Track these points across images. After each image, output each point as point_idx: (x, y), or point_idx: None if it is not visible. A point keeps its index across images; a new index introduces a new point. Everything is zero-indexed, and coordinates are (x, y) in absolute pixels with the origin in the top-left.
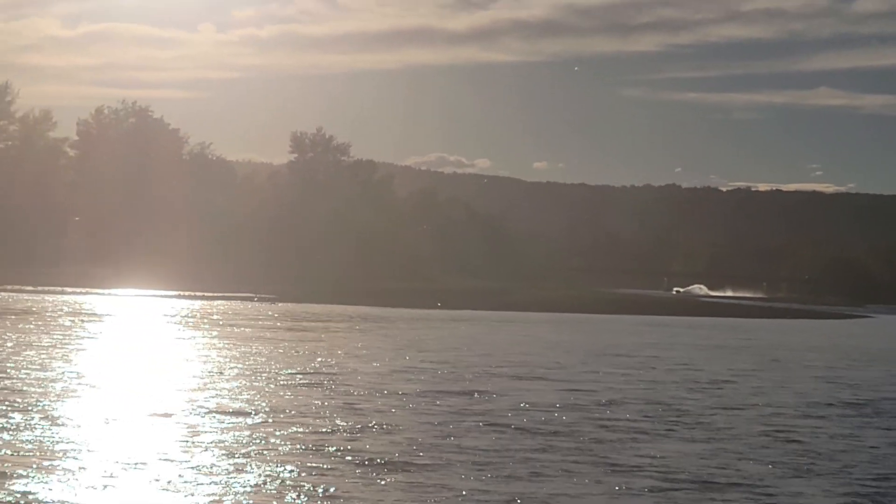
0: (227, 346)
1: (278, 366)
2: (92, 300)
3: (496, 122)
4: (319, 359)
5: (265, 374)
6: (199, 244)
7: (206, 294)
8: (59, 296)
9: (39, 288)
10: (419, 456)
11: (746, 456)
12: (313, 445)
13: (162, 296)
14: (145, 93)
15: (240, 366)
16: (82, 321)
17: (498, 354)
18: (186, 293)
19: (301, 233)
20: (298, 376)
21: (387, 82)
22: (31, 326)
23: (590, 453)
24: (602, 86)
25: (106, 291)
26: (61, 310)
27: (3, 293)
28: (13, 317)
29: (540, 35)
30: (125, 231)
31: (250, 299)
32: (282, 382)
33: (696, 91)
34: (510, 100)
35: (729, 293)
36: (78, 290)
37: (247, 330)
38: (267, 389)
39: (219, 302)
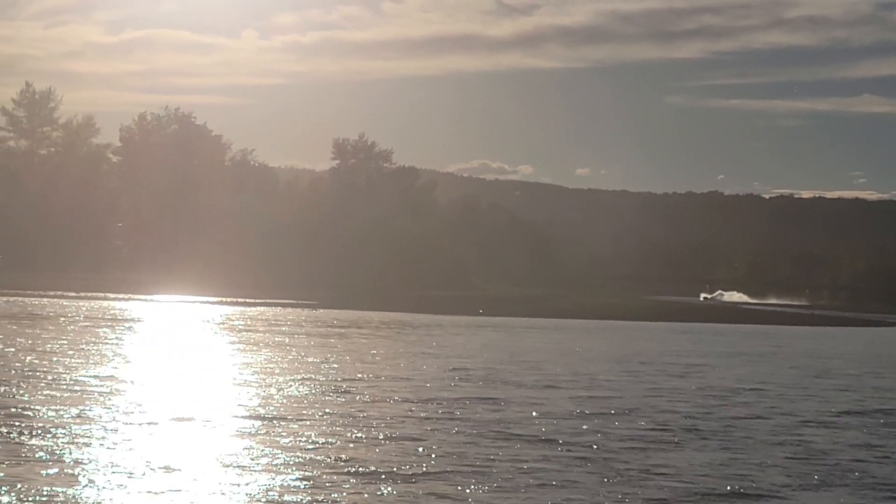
0: (266, 351)
1: (309, 372)
2: (134, 306)
3: (539, 128)
4: (358, 364)
5: (304, 380)
6: (240, 250)
7: (247, 300)
8: (101, 301)
9: (82, 294)
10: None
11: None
12: (321, 452)
13: (203, 302)
14: (188, 98)
15: (280, 371)
16: (124, 327)
17: (530, 360)
18: (228, 299)
19: (342, 239)
20: (331, 382)
21: (430, 89)
22: (74, 332)
23: (597, 463)
24: (645, 92)
25: (148, 297)
26: (103, 316)
27: (46, 299)
28: (59, 322)
29: (583, 41)
30: (167, 237)
31: (291, 305)
32: (307, 387)
33: (738, 98)
34: (553, 106)
35: (772, 300)
36: (120, 295)
37: (286, 336)
38: (295, 394)
39: (260, 308)
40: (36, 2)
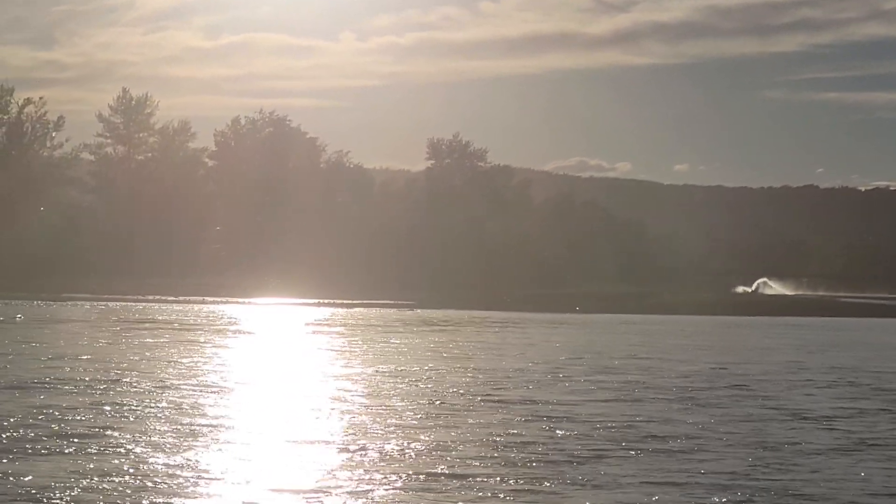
0: (367, 350)
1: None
2: (233, 309)
3: (637, 125)
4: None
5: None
6: (336, 252)
7: (345, 302)
8: (199, 305)
9: (181, 297)
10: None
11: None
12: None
13: (302, 304)
14: (285, 102)
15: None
16: (226, 330)
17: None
18: (326, 301)
19: (437, 239)
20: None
21: (527, 88)
22: (175, 335)
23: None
24: (743, 87)
25: (246, 300)
26: (203, 319)
27: (144, 303)
28: (161, 326)
29: (680, 37)
30: (264, 240)
31: (389, 306)
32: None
33: (837, 91)
34: (651, 103)
35: (868, 294)
36: (218, 299)
37: (388, 335)
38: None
39: (359, 309)
40: (135, 8)
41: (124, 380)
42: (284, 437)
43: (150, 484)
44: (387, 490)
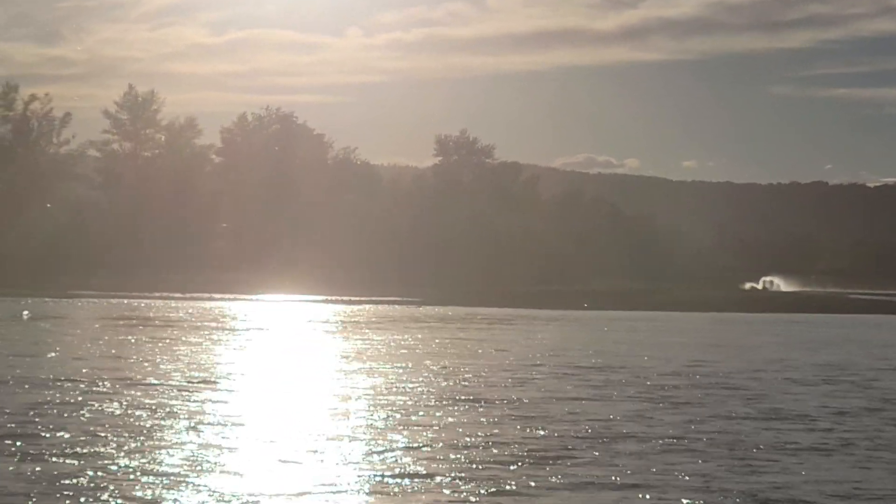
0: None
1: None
2: (239, 306)
3: (645, 121)
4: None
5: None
6: (343, 248)
7: (352, 298)
8: (206, 302)
9: (188, 294)
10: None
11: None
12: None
13: (308, 301)
14: (291, 98)
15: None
16: (233, 327)
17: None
18: (333, 298)
19: (445, 236)
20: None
21: (534, 84)
22: (182, 333)
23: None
24: (751, 83)
25: (253, 297)
26: (209, 316)
27: (151, 300)
28: (167, 324)
29: (689, 33)
30: (271, 236)
31: (396, 303)
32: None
33: (846, 87)
34: (659, 99)
35: (877, 290)
36: (226, 296)
37: (394, 333)
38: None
39: (366, 306)
40: (140, 4)
41: (122, 378)
42: (262, 436)
43: (137, 480)
44: (348, 491)
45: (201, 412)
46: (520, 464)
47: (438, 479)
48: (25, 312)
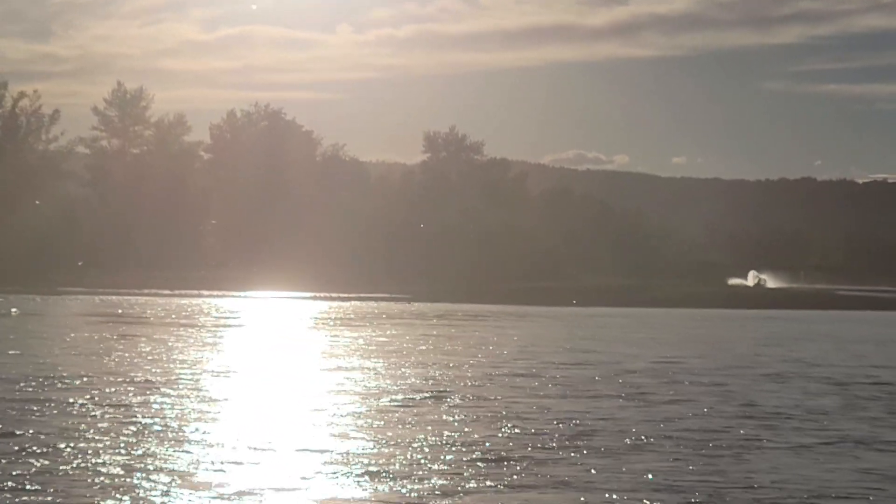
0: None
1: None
2: (229, 303)
3: (635, 117)
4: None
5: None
6: (333, 245)
7: (341, 295)
8: (195, 299)
9: (177, 291)
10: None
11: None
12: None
13: (297, 297)
14: (282, 95)
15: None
16: (222, 324)
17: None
18: (322, 294)
19: (434, 232)
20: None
21: (525, 80)
22: (171, 330)
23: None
24: (742, 79)
25: (242, 294)
26: (199, 313)
27: (140, 297)
28: (154, 321)
29: (680, 29)
30: (260, 233)
31: (385, 300)
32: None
33: (837, 83)
34: (650, 95)
35: (867, 286)
36: (214, 292)
37: (383, 329)
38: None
39: (355, 303)
40: (131, 1)
41: (104, 374)
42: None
43: (120, 482)
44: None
45: (182, 408)
46: (481, 464)
47: (396, 478)
48: (14, 309)
